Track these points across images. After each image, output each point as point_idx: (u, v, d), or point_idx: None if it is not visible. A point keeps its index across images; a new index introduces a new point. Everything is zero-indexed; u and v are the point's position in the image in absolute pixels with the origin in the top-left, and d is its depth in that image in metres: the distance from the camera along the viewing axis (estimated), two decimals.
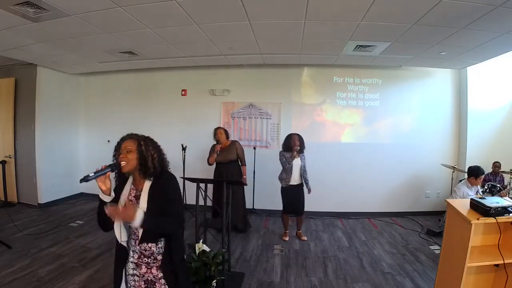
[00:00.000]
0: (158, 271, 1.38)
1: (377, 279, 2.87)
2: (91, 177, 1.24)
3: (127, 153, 1.36)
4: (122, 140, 1.42)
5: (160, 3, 2.53)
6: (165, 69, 5.14)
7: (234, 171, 3.99)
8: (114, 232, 1.36)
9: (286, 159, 3.72)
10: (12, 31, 3.17)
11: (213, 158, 3.89)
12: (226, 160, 3.94)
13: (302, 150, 3.78)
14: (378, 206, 4.97)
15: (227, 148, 3.99)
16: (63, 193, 5.45)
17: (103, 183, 1.29)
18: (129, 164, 1.35)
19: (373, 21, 2.90)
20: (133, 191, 1.42)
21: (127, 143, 1.39)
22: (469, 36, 3.20)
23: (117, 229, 1.35)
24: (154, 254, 1.38)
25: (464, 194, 3.38)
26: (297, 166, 3.74)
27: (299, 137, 3.77)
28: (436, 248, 3.56)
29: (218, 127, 4.12)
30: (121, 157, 1.35)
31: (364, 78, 4.98)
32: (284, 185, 3.79)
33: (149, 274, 1.39)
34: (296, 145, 3.67)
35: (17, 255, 3.15)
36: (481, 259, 1.88)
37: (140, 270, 1.39)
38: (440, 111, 4.97)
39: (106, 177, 1.30)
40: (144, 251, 1.38)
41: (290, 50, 3.97)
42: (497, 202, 1.87)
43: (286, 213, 3.90)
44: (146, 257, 1.38)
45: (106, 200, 1.31)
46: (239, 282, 2.77)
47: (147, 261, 1.38)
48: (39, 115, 4.96)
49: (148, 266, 1.39)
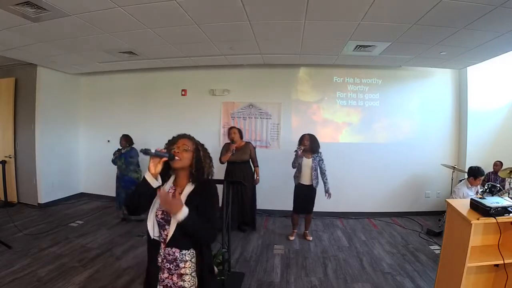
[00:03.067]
0: (179, 279, 1.33)
1: (377, 279, 2.87)
2: (151, 153, 1.25)
3: (184, 151, 1.36)
4: (179, 137, 1.42)
5: (160, 3, 2.53)
6: (165, 69, 5.14)
7: (248, 172, 4.05)
8: (147, 227, 1.34)
9: (295, 157, 3.74)
10: (12, 31, 3.17)
11: (226, 157, 3.90)
12: (240, 160, 3.97)
13: (314, 151, 3.74)
14: (378, 206, 4.97)
15: (242, 148, 4.03)
16: (63, 193, 5.45)
17: (155, 165, 1.29)
18: (182, 162, 1.34)
19: (373, 21, 2.90)
20: (172, 189, 1.40)
21: (185, 141, 1.39)
22: (469, 36, 3.19)
23: (150, 223, 1.33)
24: (176, 260, 1.32)
25: (464, 194, 3.38)
26: (307, 166, 3.73)
27: (310, 137, 3.76)
28: (436, 248, 3.56)
29: (233, 127, 4.16)
30: (176, 153, 1.34)
31: (364, 78, 4.98)
32: (295, 183, 3.80)
33: (169, 280, 1.34)
34: (304, 144, 3.68)
35: (17, 255, 3.15)
36: (481, 259, 1.88)
37: (162, 275, 1.35)
38: (440, 111, 4.97)
39: (160, 161, 1.29)
40: (167, 255, 1.33)
41: (290, 50, 3.97)
42: (497, 202, 1.87)
43: (295, 213, 3.89)
44: (169, 262, 1.33)
45: (153, 184, 1.30)
46: (239, 282, 2.77)
47: (169, 267, 1.34)
48: (39, 115, 4.96)
49: (169, 272, 1.34)
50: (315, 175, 3.73)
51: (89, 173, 5.79)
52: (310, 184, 3.75)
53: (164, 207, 1.27)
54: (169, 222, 1.30)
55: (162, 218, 1.33)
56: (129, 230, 4.05)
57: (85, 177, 5.85)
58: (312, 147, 3.73)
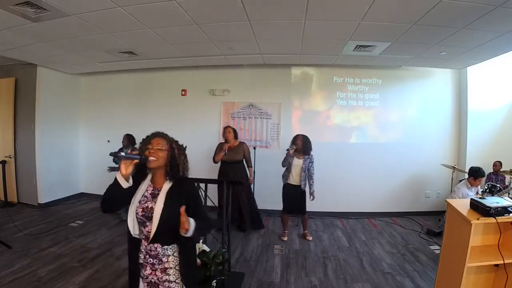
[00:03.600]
0: (163, 273, 1.36)
1: (377, 279, 2.87)
2: (121, 156, 1.27)
3: (158, 150, 1.36)
4: (153, 135, 1.42)
5: (160, 3, 2.53)
6: (165, 69, 5.14)
7: (240, 171, 4.02)
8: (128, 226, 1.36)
9: (285, 156, 3.74)
10: (12, 31, 3.17)
11: (220, 156, 3.90)
12: (233, 160, 3.96)
13: (306, 152, 3.72)
14: (378, 206, 4.96)
15: (235, 148, 4.01)
16: (63, 193, 5.45)
17: (126, 167, 1.29)
18: (158, 162, 1.35)
19: (373, 21, 2.90)
20: (150, 188, 1.41)
21: (159, 140, 1.39)
22: (469, 36, 3.19)
23: (131, 221, 1.35)
24: (159, 255, 1.35)
25: (464, 194, 3.39)
26: (297, 166, 3.72)
27: (303, 137, 3.73)
28: (436, 248, 3.56)
29: (228, 126, 4.15)
30: (151, 153, 1.34)
31: (364, 78, 4.98)
32: (283, 181, 3.81)
33: (153, 276, 1.36)
34: (296, 144, 3.67)
35: (17, 255, 3.15)
36: (481, 259, 1.88)
37: (145, 271, 1.37)
38: (440, 111, 4.97)
39: (131, 163, 1.29)
40: (149, 251, 1.36)
41: (290, 50, 3.97)
42: (497, 202, 1.87)
43: (285, 213, 3.90)
44: (152, 257, 1.36)
45: (123, 185, 1.30)
46: (239, 282, 2.77)
47: (152, 262, 1.36)
48: (39, 115, 4.96)
49: (152, 268, 1.36)
50: (304, 176, 3.71)
51: (89, 173, 5.78)
52: (298, 184, 3.74)
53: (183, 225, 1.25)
54: (150, 219, 1.33)
55: (143, 215, 1.35)
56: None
57: (85, 177, 5.84)
58: (304, 148, 3.69)
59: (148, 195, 1.39)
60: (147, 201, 1.37)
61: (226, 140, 3.96)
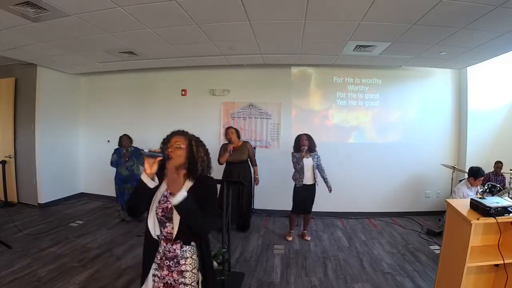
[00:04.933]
0: (179, 276, 1.34)
1: (377, 279, 2.87)
2: (144, 153, 1.26)
3: (177, 148, 1.35)
4: (172, 134, 1.42)
5: (160, 3, 2.53)
6: (165, 69, 5.14)
7: (246, 171, 4.05)
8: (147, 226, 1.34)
9: (296, 159, 3.72)
10: (12, 31, 3.16)
11: (225, 157, 3.90)
12: (238, 160, 3.97)
13: (312, 149, 3.77)
14: (378, 206, 4.97)
15: (239, 148, 4.02)
16: (63, 193, 5.45)
17: (150, 166, 1.29)
18: (176, 160, 1.33)
19: (373, 21, 2.90)
20: None
21: (178, 138, 1.39)
22: (469, 36, 3.19)
23: (151, 222, 1.33)
24: (177, 257, 1.33)
25: (464, 194, 3.38)
26: (308, 165, 3.73)
27: (307, 136, 3.77)
28: (436, 248, 3.56)
29: (230, 127, 4.16)
30: (169, 151, 1.34)
31: (364, 78, 4.98)
32: (298, 184, 3.77)
33: (170, 278, 1.35)
34: (304, 144, 3.68)
35: (17, 255, 3.15)
36: (481, 259, 1.88)
37: (162, 272, 1.36)
38: (440, 111, 4.97)
39: (155, 161, 1.29)
40: (167, 252, 1.34)
41: (290, 50, 3.96)
42: (497, 202, 1.87)
43: (294, 213, 3.89)
44: (168, 259, 1.34)
45: (150, 184, 1.30)
46: (239, 282, 2.77)
47: (168, 264, 1.34)
48: (39, 115, 4.96)
49: (169, 269, 1.35)
50: (316, 173, 3.76)
51: (89, 173, 5.78)
52: (313, 183, 3.77)
53: (168, 182, 1.26)
54: (170, 219, 1.31)
55: (163, 216, 1.34)
56: (129, 230, 4.05)
57: (85, 177, 5.84)
58: (310, 146, 3.74)
59: (168, 194, 1.35)
60: (167, 201, 1.34)
61: (230, 141, 3.96)
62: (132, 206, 1.37)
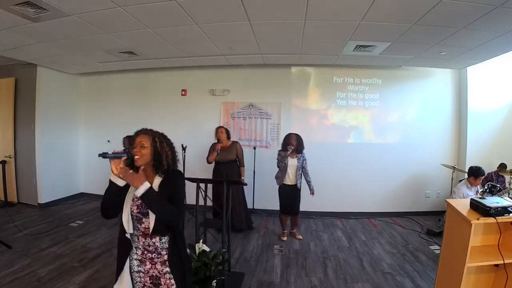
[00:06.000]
0: (163, 266, 1.40)
1: (377, 279, 2.87)
2: (109, 155, 1.31)
3: (141, 148, 1.40)
4: (136, 134, 1.47)
5: (160, 3, 2.53)
6: (165, 69, 5.14)
7: (233, 171, 4.01)
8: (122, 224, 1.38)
9: (281, 157, 3.72)
10: (12, 31, 3.16)
11: (212, 156, 3.90)
12: (226, 160, 3.96)
13: (299, 151, 3.73)
14: (378, 206, 4.97)
15: (228, 148, 4.00)
16: (63, 193, 5.45)
17: (116, 165, 1.32)
18: (143, 159, 1.39)
19: (373, 21, 2.90)
20: None
21: (142, 138, 1.43)
22: (469, 36, 3.19)
23: (125, 219, 1.37)
24: (158, 249, 1.40)
25: (464, 194, 3.39)
26: (292, 166, 3.72)
27: (296, 137, 3.74)
28: (436, 248, 3.57)
29: (220, 126, 4.14)
30: (135, 151, 1.38)
31: (364, 78, 4.98)
32: (278, 183, 3.80)
33: (154, 270, 1.41)
34: (292, 144, 3.65)
35: (17, 255, 3.15)
36: (481, 259, 1.88)
37: (145, 267, 1.41)
38: (440, 111, 4.97)
39: (120, 161, 1.33)
40: (147, 247, 1.40)
41: (290, 50, 3.96)
42: (497, 202, 1.87)
43: (282, 213, 3.90)
44: (150, 252, 1.40)
45: (119, 182, 1.35)
46: (239, 282, 2.77)
47: (151, 257, 1.40)
48: (39, 115, 4.96)
49: (152, 262, 1.40)
50: (299, 175, 3.73)
51: (89, 173, 5.78)
52: (295, 184, 3.74)
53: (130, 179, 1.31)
54: (146, 215, 1.36)
55: (139, 212, 1.38)
56: None
57: (85, 177, 5.84)
58: (298, 147, 3.71)
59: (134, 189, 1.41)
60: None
61: (219, 140, 3.95)
62: (105, 207, 1.40)
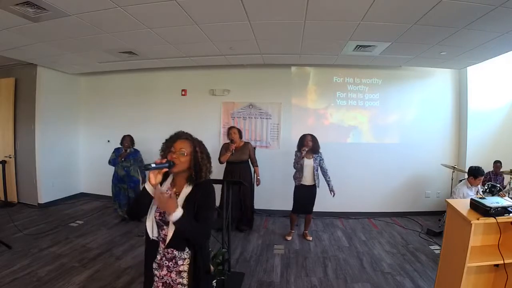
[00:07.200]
0: (177, 276, 1.35)
1: (377, 279, 2.87)
2: (152, 167, 1.25)
3: (181, 155, 1.33)
4: (176, 137, 1.39)
5: (160, 3, 2.53)
6: (165, 69, 5.14)
7: (246, 171, 4.06)
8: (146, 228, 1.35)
9: (296, 158, 3.73)
10: (12, 31, 3.16)
11: (226, 156, 3.91)
12: (239, 160, 3.98)
13: (316, 151, 3.75)
14: (378, 206, 4.97)
15: (241, 148, 4.03)
16: (63, 193, 5.45)
17: (155, 176, 1.29)
18: (180, 166, 1.33)
19: (373, 21, 2.89)
20: (169, 191, 1.38)
21: (182, 144, 1.36)
22: (469, 36, 3.19)
23: (149, 224, 1.34)
24: (175, 258, 1.35)
25: (464, 194, 3.38)
26: (309, 166, 3.73)
27: (312, 137, 3.76)
28: (436, 248, 3.56)
29: (232, 127, 4.16)
30: (173, 157, 1.32)
31: (364, 78, 4.98)
32: (296, 183, 3.79)
33: (168, 277, 1.36)
34: (307, 145, 3.67)
35: (17, 255, 3.15)
36: (481, 259, 1.88)
37: (161, 272, 1.37)
38: (440, 111, 4.96)
39: (159, 172, 1.29)
40: (166, 254, 1.36)
41: (290, 50, 3.96)
42: (497, 202, 1.87)
43: (294, 213, 3.90)
44: (168, 260, 1.36)
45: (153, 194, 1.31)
46: (239, 282, 2.77)
47: (168, 264, 1.36)
48: (39, 115, 4.95)
49: (168, 269, 1.36)
50: (317, 175, 3.74)
51: (89, 173, 5.78)
52: (313, 184, 3.75)
53: (158, 206, 1.28)
54: (167, 223, 1.31)
55: (160, 219, 1.34)
56: (129, 230, 4.05)
57: (85, 177, 5.84)
58: (314, 148, 3.73)
59: None
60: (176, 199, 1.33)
61: (232, 140, 3.96)
62: (135, 212, 1.39)
